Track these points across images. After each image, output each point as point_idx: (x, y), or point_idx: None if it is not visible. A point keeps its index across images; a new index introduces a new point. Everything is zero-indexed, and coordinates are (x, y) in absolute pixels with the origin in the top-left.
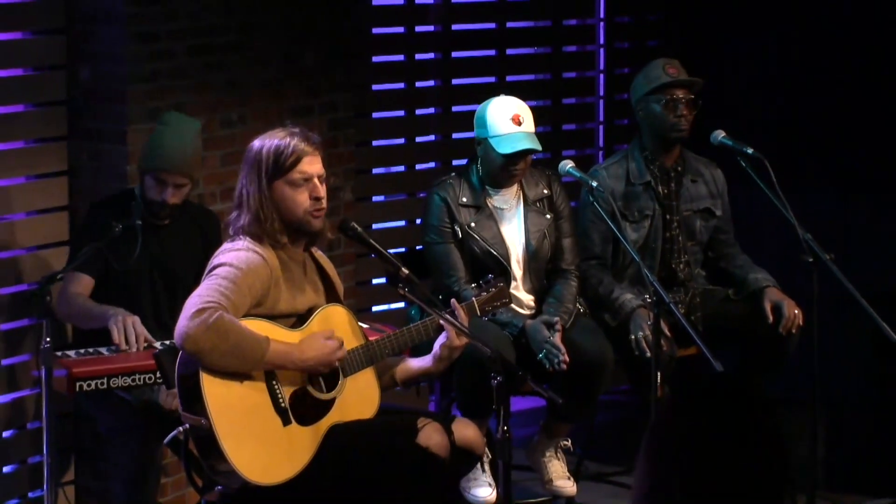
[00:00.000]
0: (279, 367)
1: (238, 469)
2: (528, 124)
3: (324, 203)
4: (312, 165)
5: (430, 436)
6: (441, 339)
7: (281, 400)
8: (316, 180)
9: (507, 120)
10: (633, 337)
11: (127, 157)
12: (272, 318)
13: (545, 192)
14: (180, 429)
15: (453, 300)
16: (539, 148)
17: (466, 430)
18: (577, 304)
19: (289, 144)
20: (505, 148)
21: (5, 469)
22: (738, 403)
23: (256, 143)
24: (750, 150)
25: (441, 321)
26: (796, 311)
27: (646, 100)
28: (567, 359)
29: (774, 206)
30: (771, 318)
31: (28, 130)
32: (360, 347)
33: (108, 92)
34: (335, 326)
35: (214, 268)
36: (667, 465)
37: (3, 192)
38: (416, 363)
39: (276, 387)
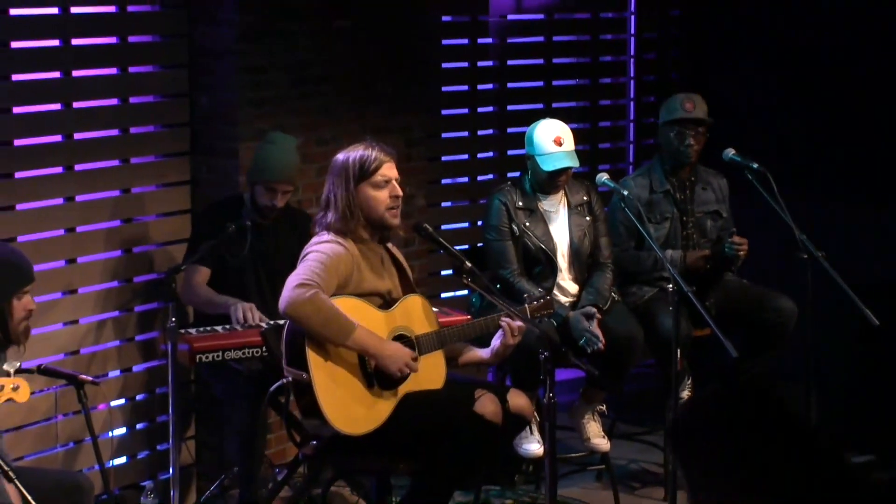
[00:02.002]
0: (360, 350)
1: (328, 417)
2: (569, 144)
3: (400, 201)
4: (391, 170)
5: (486, 405)
6: (498, 337)
7: (368, 366)
8: (394, 182)
9: (551, 141)
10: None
11: (239, 170)
12: (360, 296)
13: (585, 198)
14: (283, 380)
15: (505, 319)
16: (577, 164)
17: (518, 400)
18: (612, 293)
19: (371, 154)
20: (548, 166)
21: (138, 426)
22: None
23: (340, 156)
24: (755, 165)
25: (501, 314)
26: (745, 240)
27: (664, 128)
28: (603, 344)
29: (775, 211)
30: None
31: (157, 147)
32: (434, 333)
33: (223, 115)
34: (414, 313)
35: (307, 255)
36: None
37: (136, 198)
38: (477, 353)
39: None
